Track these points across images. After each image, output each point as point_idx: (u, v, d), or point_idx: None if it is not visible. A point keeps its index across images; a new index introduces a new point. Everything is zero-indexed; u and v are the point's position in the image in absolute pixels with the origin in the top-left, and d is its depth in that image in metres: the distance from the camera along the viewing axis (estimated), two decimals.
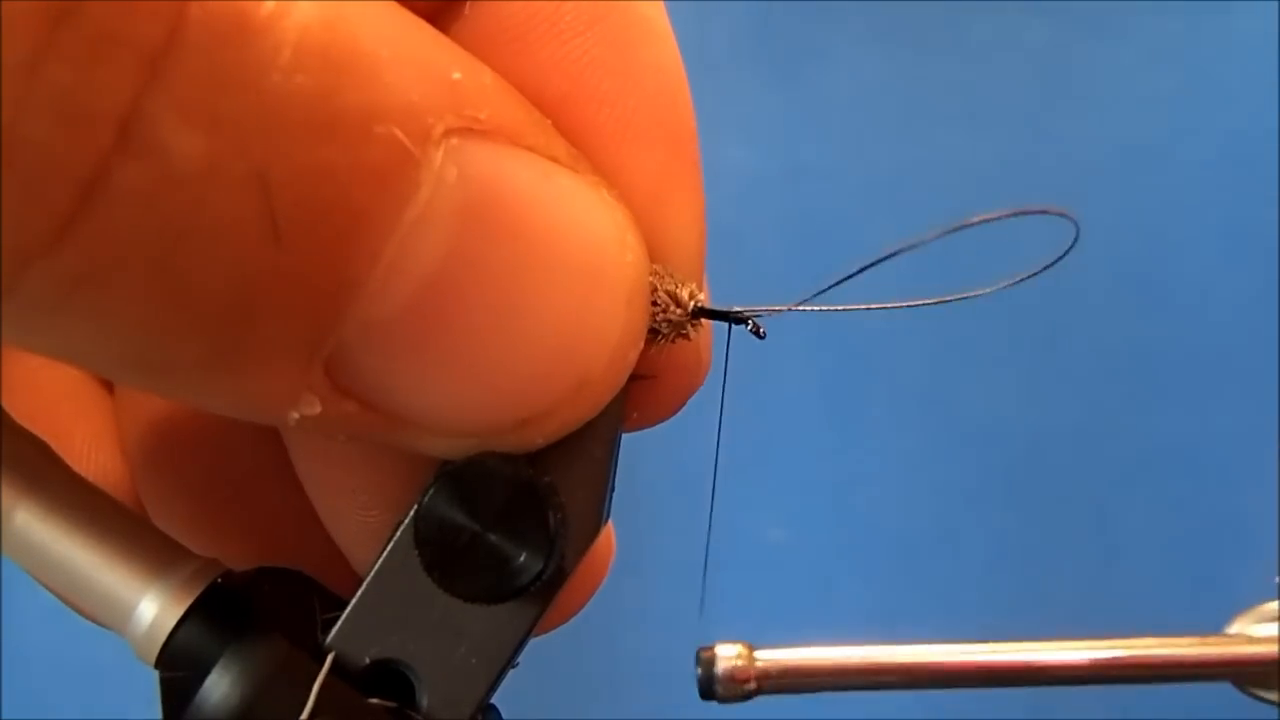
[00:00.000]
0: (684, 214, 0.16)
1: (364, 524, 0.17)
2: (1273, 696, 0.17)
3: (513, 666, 0.16)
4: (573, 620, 0.18)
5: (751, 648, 0.17)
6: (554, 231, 0.14)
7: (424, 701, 0.15)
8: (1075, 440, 0.43)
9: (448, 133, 0.13)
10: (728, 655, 0.17)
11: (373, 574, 0.15)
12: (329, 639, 0.15)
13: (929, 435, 0.44)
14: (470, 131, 0.13)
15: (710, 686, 0.17)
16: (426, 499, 0.15)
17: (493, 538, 0.15)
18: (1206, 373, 0.42)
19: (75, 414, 0.19)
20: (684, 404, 0.17)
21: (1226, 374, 0.41)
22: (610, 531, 0.17)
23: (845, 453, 0.43)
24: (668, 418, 0.17)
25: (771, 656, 0.17)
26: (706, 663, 0.17)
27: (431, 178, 0.13)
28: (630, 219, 0.15)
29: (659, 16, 0.16)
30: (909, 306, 0.16)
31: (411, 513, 0.15)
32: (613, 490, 0.16)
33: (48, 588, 0.16)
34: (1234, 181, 0.41)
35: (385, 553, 0.15)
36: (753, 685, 0.17)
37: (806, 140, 0.44)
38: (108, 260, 0.12)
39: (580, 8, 0.15)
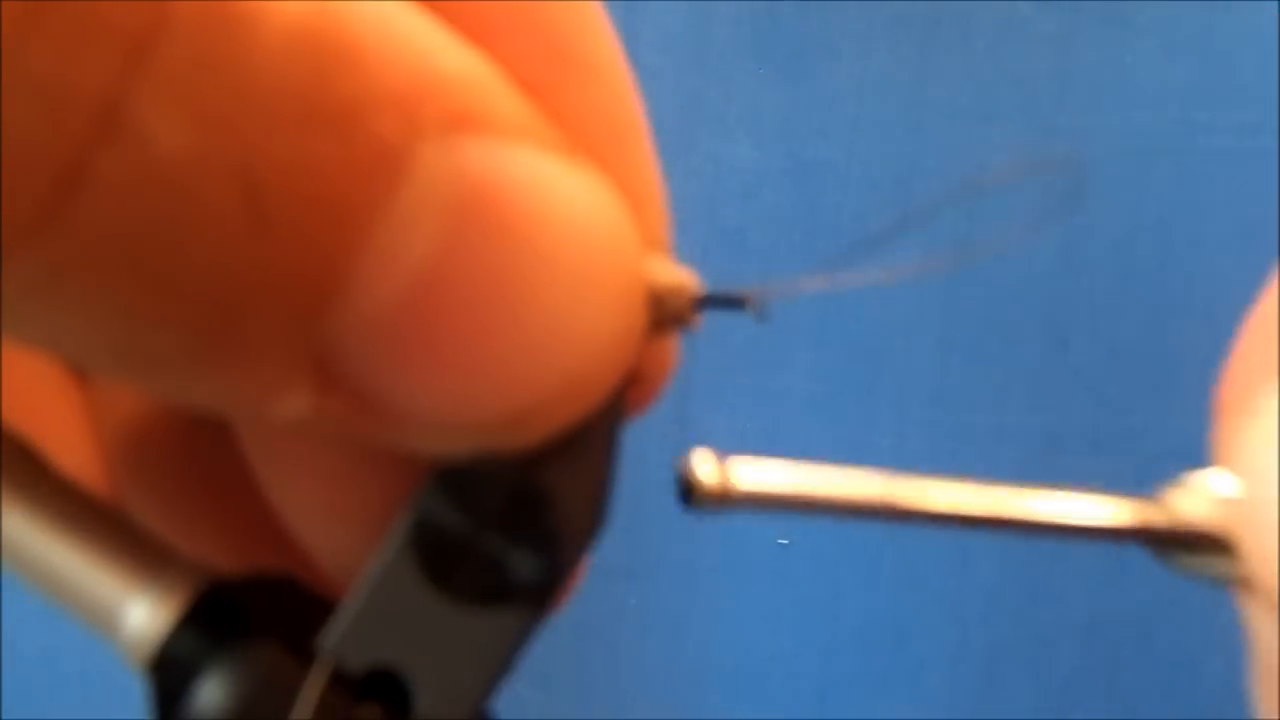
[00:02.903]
0: (646, 203, 0.15)
1: (338, 540, 0.17)
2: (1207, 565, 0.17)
3: (511, 671, 0.15)
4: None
5: (724, 461, 0.17)
6: (549, 226, 0.13)
7: (419, 707, 0.15)
8: (1085, 442, 0.42)
9: (438, 124, 0.12)
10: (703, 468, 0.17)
11: (366, 577, 0.15)
12: (321, 643, 0.15)
13: (935, 437, 0.43)
14: (462, 123, 0.13)
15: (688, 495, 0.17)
16: (421, 500, 0.15)
17: (490, 538, 0.15)
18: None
19: (49, 406, 0.18)
20: (653, 401, 0.17)
21: None
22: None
23: (850, 455, 0.43)
24: (637, 415, 0.17)
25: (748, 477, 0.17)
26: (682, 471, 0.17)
27: (421, 171, 0.12)
28: (629, 213, 0.14)
29: (594, 11, 0.15)
30: (914, 272, 0.15)
31: (406, 514, 0.15)
32: (612, 490, 0.16)
33: (39, 591, 0.16)
34: (1248, 177, 0.41)
35: (379, 555, 0.15)
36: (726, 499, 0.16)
37: (812, 136, 0.44)
38: (90, 249, 0.11)
39: (510, 7, 0.14)
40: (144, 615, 0.15)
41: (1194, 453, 0.44)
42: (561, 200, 0.13)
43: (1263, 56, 0.40)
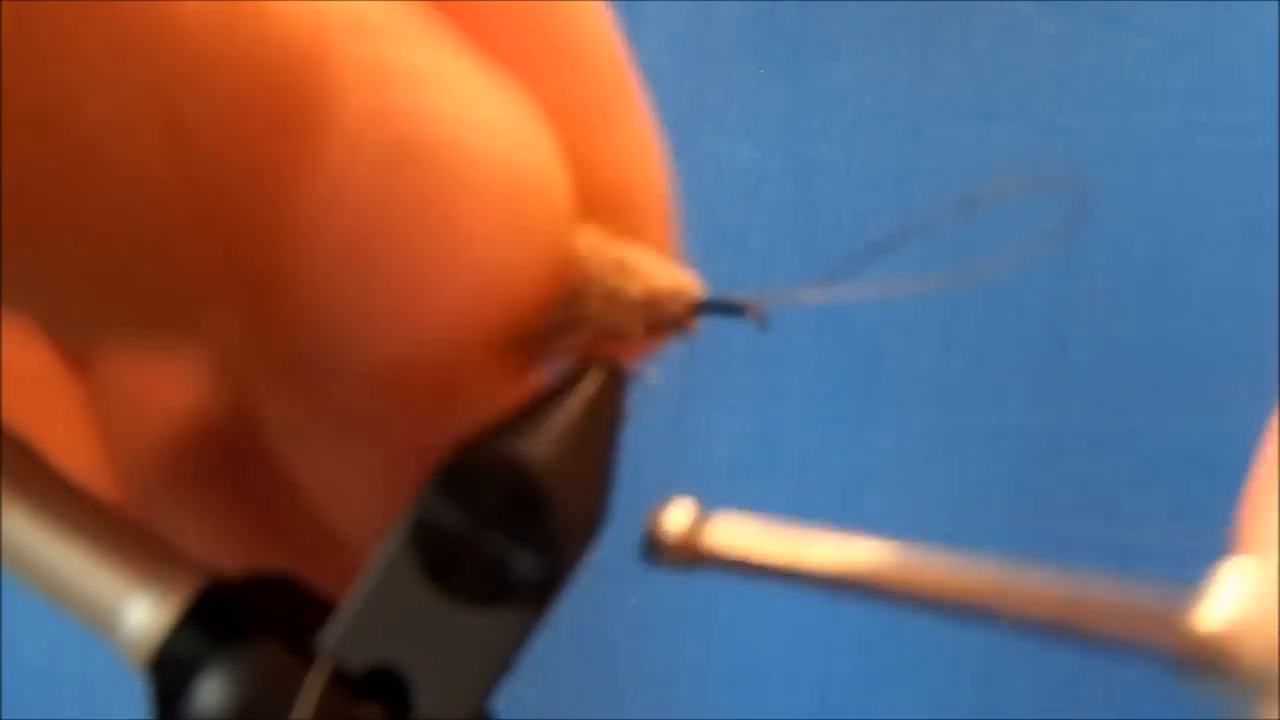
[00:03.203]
0: (637, 188, 0.15)
1: (369, 520, 0.17)
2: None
3: (512, 670, 0.15)
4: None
5: (700, 519, 0.16)
6: (472, 160, 0.13)
7: (419, 706, 0.15)
8: (1085, 442, 0.42)
9: (357, 63, 0.12)
10: (675, 522, 0.16)
11: (366, 577, 0.15)
12: (321, 643, 0.15)
13: (935, 437, 0.43)
14: (380, 62, 0.13)
15: (651, 551, 0.16)
16: (422, 499, 0.15)
17: (490, 538, 0.15)
18: (1220, 372, 0.41)
19: (51, 408, 0.18)
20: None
21: (1241, 374, 0.41)
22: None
23: (849, 455, 0.43)
24: None
25: (722, 536, 0.16)
26: (650, 525, 0.16)
27: (338, 110, 0.12)
28: (559, 150, 0.14)
29: (594, 9, 0.15)
30: (918, 289, 0.15)
31: (406, 514, 0.15)
32: (612, 489, 0.16)
33: (39, 591, 0.16)
34: (1248, 177, 0.41)
35: (379, 555, 0.15)
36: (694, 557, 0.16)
37: (812, 136, 0.44)
38: (14, 192, 0.11)
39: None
40: (144, 614, 0.15)
41: (1194, 453, 0.44)
42: (488, 137, 0.13)
43: (1263, 56, 0.40)
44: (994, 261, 0.15)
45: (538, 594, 0.15)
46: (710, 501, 0.17)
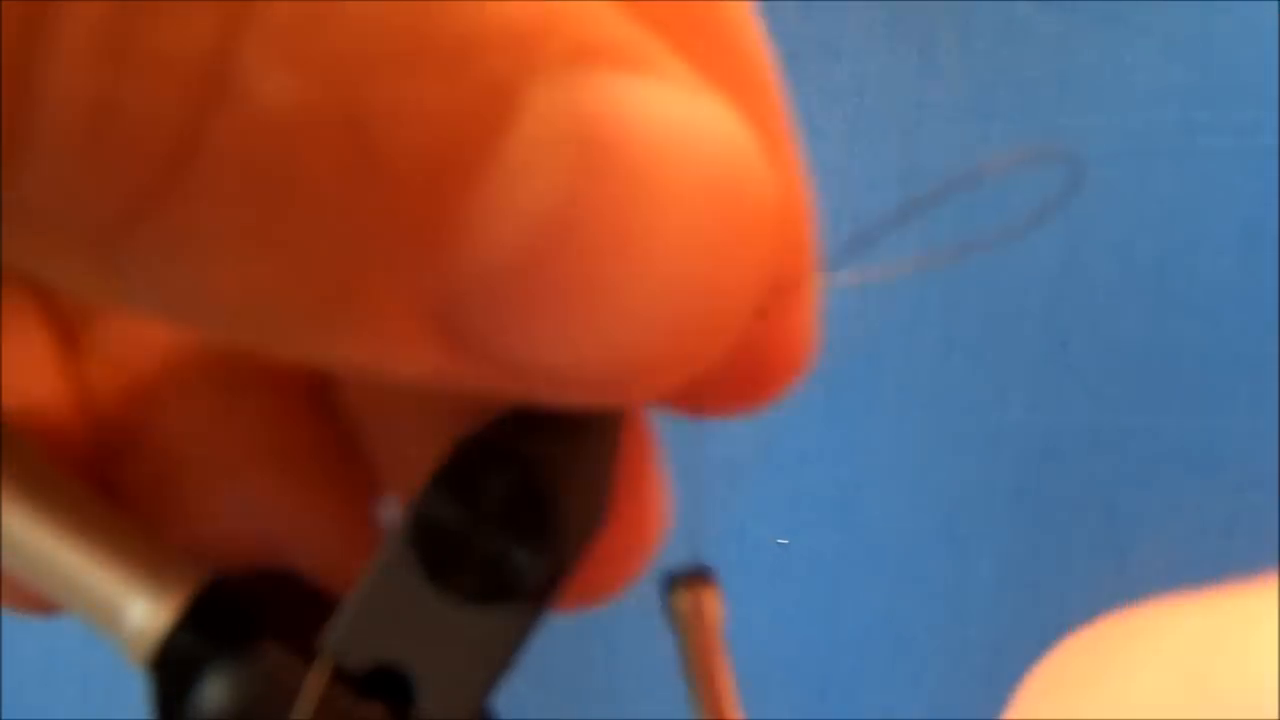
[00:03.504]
0: (792, 178, 0.15)
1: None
2: None
3: (513, 668, 0.15)
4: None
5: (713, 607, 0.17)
6: (679, 165, 0.12)
7: (422, 705, 0.15)
8: (1085, 442, 0.42)
9: (552, 60, 0.12)
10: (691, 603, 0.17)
11: (368, 575, 0.15)
12: (324, 641, 0.15)
13: (935, 437, 0.43)
14: (578, 57, 0.12)
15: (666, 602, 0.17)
16: (422, 497, 0.15)
17: (491, 535, 0.15)
18: (1220, 373, 0.41)
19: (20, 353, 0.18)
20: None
21: (1240, 374, 0.41)
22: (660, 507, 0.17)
23: (848, 455, 0.43)
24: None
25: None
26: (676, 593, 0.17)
27: (535, 111, 0.11)
28: (765, 150, 0.13)
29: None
30: (915, 267, 0.15)
31: (407, 512, 0.15)
32: (614, 488, 0.16)
33: (39, 590, 0.16)
34: (1248, 177, 0.41)
35: (380, 553, 0.15)
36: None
37: (812, 136, 0.44)
38: (207, 215, 0.11)
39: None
40: (145, 613, 0.15)
41: (1194, 453, 0.44)
42: (692, 136, 0.12)
43: (1263, 56, 0.40)
44: (997, 233, 0.15)
45: (539, 592, 0.15)
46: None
